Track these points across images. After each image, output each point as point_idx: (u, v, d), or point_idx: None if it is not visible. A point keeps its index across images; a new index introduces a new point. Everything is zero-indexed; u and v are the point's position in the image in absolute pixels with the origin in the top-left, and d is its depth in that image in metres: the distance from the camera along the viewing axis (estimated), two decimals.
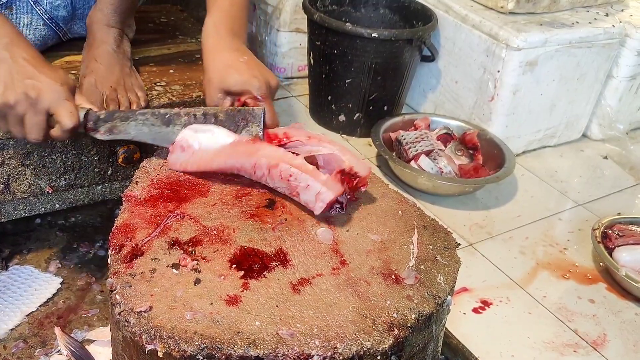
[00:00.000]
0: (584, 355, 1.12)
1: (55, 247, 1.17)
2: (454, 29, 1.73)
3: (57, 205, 1.07)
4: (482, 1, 1.72)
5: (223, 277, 0.67)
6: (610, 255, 1.31)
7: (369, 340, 0.61)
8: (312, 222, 0.77)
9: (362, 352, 0.60)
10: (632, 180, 1.72)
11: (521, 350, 1.11)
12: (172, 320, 0.60)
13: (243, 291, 0.65)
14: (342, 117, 1.75)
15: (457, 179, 1.51)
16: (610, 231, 1.37)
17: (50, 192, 1.04)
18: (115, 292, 0.64)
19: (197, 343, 0.58)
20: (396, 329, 0.63)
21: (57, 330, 0.96)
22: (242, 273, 0.67)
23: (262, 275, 0.67)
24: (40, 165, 1.01)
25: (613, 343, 1.16)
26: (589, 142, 1.89)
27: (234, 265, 0.68)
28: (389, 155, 1.53)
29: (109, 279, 0.66)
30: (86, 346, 0.95)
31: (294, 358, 0.59)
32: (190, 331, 0.59)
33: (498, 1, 1.67)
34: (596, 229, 1.36)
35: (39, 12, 1.07)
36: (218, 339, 0.59)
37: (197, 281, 0.66)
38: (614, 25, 1.69)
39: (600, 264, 1.35)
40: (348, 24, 1.60)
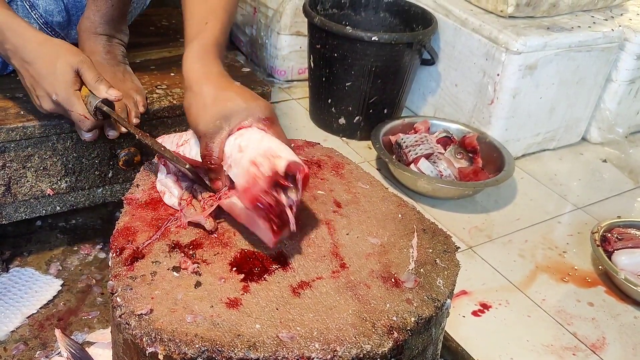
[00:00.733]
0: (583, 359, 1.13)
1: (55, 250, 1.17)
2: (453, 33, 1.73)
3: (57, 208, 1.07)
4: (482, 5, 1.72)
5: (223, 280, 0.67)
6: (610, 258, 1.31)
7: (369, 343, 0.61)
8: (312, 226, 0.77)
9: (361, 355, 0.60)
10: (631, 183, 1.73)
11: (520, 354, 1.12)
12: (172, 322, 0.61)
13: (243, 294, 0.65)
14: (342, 120, 1.75)
15: (456, 182, 1.51)
16: (609, 234, 1.37)
17: (51, 194, 1.05)
18: (116, 294, 0.64)
19: (197, 346, 0.59)
20: (396, 332, 0.63)
21: (58, 332, 0.97)
22: (242, 276, 0.68)
23: (263, 279, 0.68)
24: (42, 168, 1.01)
25: (612, 346, 1.16)
26: (588, 146, 1.90)
27: (234, 269, 0.69)
28: (388, 159, 1.53)
29: (110, 282, 0.66)
30: (86, 348, 0.95)
31: None
32: (190, 334, 0.60)
33: (498, 5, 1.67)
34: (595, 232, 1.36)
35: (34, 16, 1.07)
36: (218, 342, 0.59)
37: (198, 284, 0.66)
38: (613, 29, 1.70)
39: (600, 267, 1.36)
40: (348, 27, 1.61)
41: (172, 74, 1.19)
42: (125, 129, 0.89)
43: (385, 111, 1.75)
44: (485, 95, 1.67)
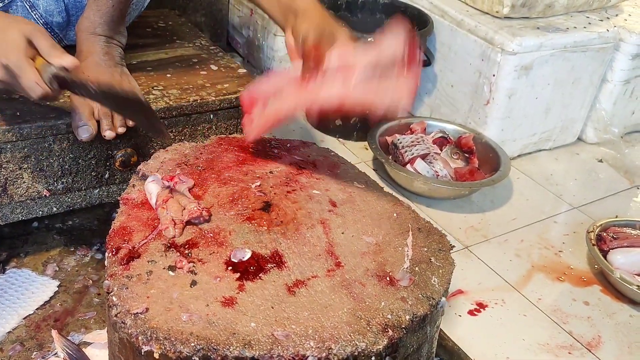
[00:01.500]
0: (579, 357, 1.13)
1: (52, 250, 1.17)
2: (449, 34, 1.74)
3: (54, 209, 1.07)
4: (477, 6, 1.73)
5: (219, 279, 0.67)
6: (605, 257, 1.31)
7: (364, 341, 0.62)
8: (308, 225, 0.77)
9: (356, 353, 0.61)
10: (626, 183, 1.73)
11: (516, 352, 1.12)
12: (168, 321, 0.61)
13: (239, 293, 0.66)
14: (338, 121, 1.76)
15: (452, 182, 1.52)
16: (605, 234, 1.38)
17: (47, 195, 1.05)
18: (111, 293, 0.64)
19: (193, 344, 0.59)
20: (390, 330, 0.63)
21: (54, 333, 0.97)
22: (237, 275, 0.68)
23: (258, 277, 0.68)
24: (38, 169, 1.02)
25: (607, 345, 1.17)
26: (584, 146, 1.90)
27: (229, 268, 0.69)
28: (385, 159, 1.53)
29: (106, 281, 0.66)
30: (83, 349, 0.95)
31: (289, 359, 0.59)
32: (186, 332, 0.60)
33: (493, 6, 1.68)
34: (591, 232, 1.37)
35: (34, 16, 1.07)
36: (214, 340, 0.59)
37: (193, 283, 0.66)
38: (608, 30, 1.70)
39: (595, 266, 1.36)
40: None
41: (169, 75, 1.19)
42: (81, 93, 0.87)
43: None
44: (481, 95, 1.67)
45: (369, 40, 0.83)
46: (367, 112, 0.79)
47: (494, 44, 1.60)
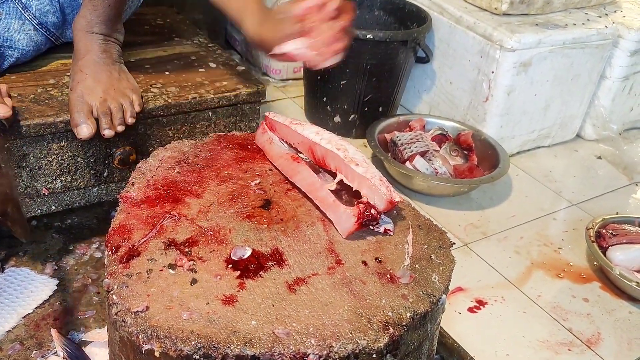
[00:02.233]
0: (579, 354, 1.13)
1: (51, 249, 1.17)
2: (448, 31, 1.74)
3: (53, 207, 1.07)
4: (476, 2, 1.73)
5: (219, 277, 0.67)
6: (604, 254, 1.32)
7: (365, 339, 0.61)
8: (308, 222, 0.77)
9: (357, 351, 0.61)
10: (625, 180, 1.74)
11: (516, 349, 1.12)
12: (168, 320, 0.61)
13: (239, 291, 0.65)
14: (337, 119, 1.76)
15: (451, 180, 1.52)
16: (604, 230, 1.38)
17: (46, 194, 1.04)
18: (111, 292, 0.64)
19: (193, 342, 0.59)
20: (391, 328, 0.63)
21: (54, 332, 0.97)
22: (238, 273, 0.68)
23: (258, 275, 0.68)
24: (37, 167, 1.01)
25: (607, 341, 1.17)
26: (583, 143, 1.91)
27: (230, 266, 0.69)
28: (384, 156, 1.53)
29: (106, 280, 0.66)
30: (83, 347, 0.95)
31: (290, 357, 0.59)
32: (186, 331, 0.60)
33: (492, 2, 1.68)
34: (590, 229, 1.37)
35: (27, 17, 1.06)
36: (214, 339, 0.59)
37: (194, 281, 0.66)
38: (607, 26, 1.70)
39: (595, 263, 1.36)
40: None
41: (167, 72, 1.19)
42: None
43: (381, 109, 1.75)
44: (480, 92, 1.67)
45: None
46: None
47: (492, 40, 1.60)
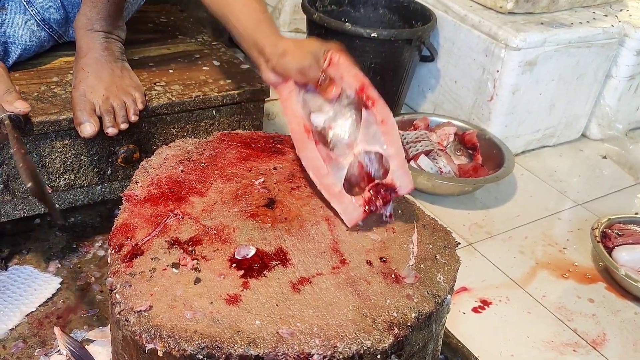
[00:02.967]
0: (584, 355, 1.12)
1: (54, 247, 1.17)
2: (453, 29, 1.73)
3: (56, 205, 1.06)
4: (481, 1, 1.72)
5: (223, 276, 0.67)
6: (610, 254, 1.31)
7: (369, 339, 0.61)
8: (312, 222, 0.77)
9: (362, 351, 0.60)
10: (631, 179, 1.73)
11: (520, 350, 1.11)
12: (172, 319, 0.60)
13: (243, 290, 0.65)
14: None
15: (456, 179, 1.51)
16: (609, 231, 1.37)
17: (50, 192, 1.04)
18: (115, 291, 0.64)
19: (197, 342, 0.58)
20: (396, 328, 0.63)
21: (57, 330, 0.96)
22: (242, 272, 0.67)
23: (262, 275, 0.67)
24: (40, 165, 1.01)
25: (612, 342, 1.16)
26: (588, 142, 1.89)
27: (234, 265, 0.68)
28: None
29: (109, 278, 0.66)
30: (86, 346, 0.95)
31: (294, 357, 0.59)
32: (190, 330, 0.59)
33: (497, 1, 1.67)
34: (595, 229, 1.36)
35: (31, 12, 1.06)
36: (218, 338, 0.59)
37: (197, 280, 0.66)
38: (612, 25, 1.69)
39: (600, 263, 1.36)
40: (347, 23, 1.60)
41: (171, 70, 1.18)
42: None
43: None
44: (485, 91, 1.66)
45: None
46: None
47: (497, 39, 1.59)
